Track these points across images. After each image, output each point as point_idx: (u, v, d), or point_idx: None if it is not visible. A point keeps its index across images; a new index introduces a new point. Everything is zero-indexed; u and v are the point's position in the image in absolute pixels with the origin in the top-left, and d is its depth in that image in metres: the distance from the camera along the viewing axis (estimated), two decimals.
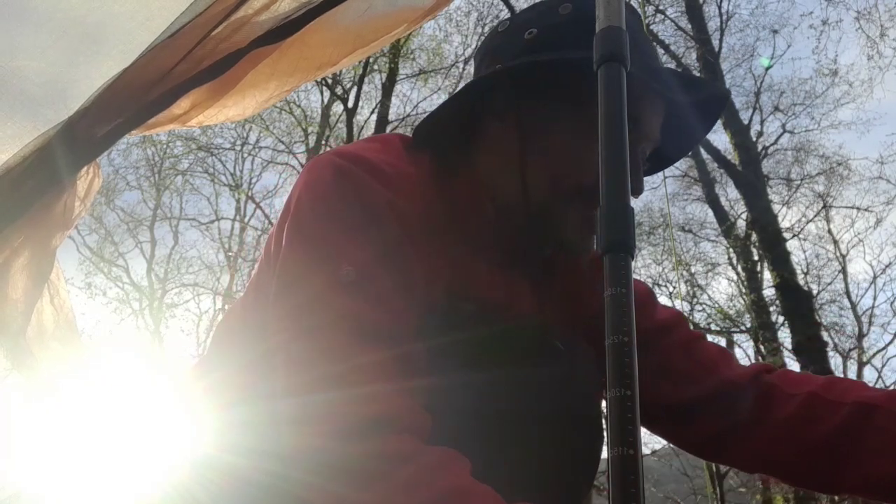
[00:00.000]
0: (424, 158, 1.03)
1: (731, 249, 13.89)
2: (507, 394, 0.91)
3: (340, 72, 12.40)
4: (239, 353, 1.04)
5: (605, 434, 0.69)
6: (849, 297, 15.18)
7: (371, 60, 12.78)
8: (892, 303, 17.23)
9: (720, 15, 13.71)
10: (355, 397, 0.83)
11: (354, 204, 0.92)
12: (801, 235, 15.04)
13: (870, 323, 14.99)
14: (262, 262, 1.05)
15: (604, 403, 0.68)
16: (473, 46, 14.60)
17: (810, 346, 10.25)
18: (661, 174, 1.21)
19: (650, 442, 14.25)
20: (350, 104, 13.36)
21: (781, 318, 11.89)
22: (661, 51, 12.43)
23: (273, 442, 0.89)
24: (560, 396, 0.95)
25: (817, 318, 11.54)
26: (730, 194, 14.07)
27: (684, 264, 14.75)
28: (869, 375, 17.13)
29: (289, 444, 0.86)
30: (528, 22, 1.03)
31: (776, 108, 14.86)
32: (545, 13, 1.03)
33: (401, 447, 0.81)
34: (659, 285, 14.84)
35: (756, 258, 12.91)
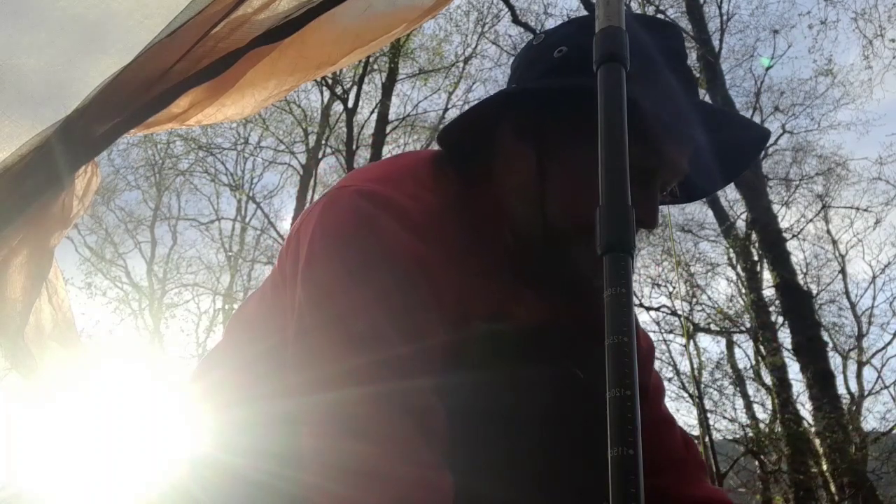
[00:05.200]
0: (450, 177, 1.00)
1: (730, 249, 13.88)
2: (539, 419, 0.91)
3: (340, 71, 12.39)
4: (240, 354, 1.04)
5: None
6: (848, 298, 15.19)
7: (371, 60, 12.78)
8: (891, 303, 17.25)
9: (720, 15, 13.71)
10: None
11: (371, 251, 0.89)
12: (800, 236, 15.05)
13: (869, 323, 15.00)
14: (276, 278, 1.03)
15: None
16: (473, 46, 14.59)
17: (810, 346, 10.24)
18: None
19: None
20: (350, 104, 13.35)
21: (781, 318, 11.90)
22: None
23: (272, 441, 0.89)
24: (586, 423, 0.94)
25: (817, 318, 11.54)
26: (729, 195, 14.08)
27: (684, 264, 14.74)
28: (868, 375, 17.15)
29: (290, 444, 0.86)
30: (561, 39, 1.00)
31: (776, 109, 14.87)
32: (578, 32, 0.99)
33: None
34: (659, 285, 14.84)
35: (756, 258, 12.91)
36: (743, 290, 14.01)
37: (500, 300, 0.97)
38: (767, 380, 12.61)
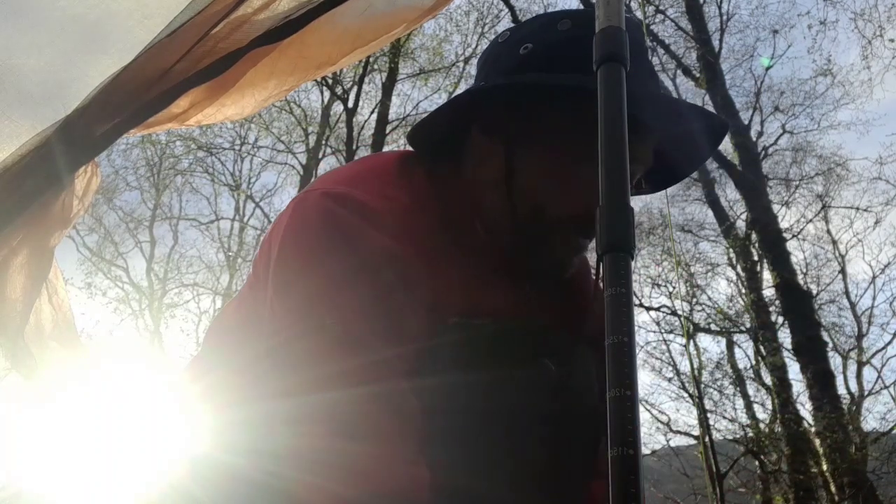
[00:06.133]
0: (419, 174, 1.01)
1: (730, 250, 13.88)
2: (512, 400, 0.91)
3: (340, 71, 12.39)
4: (235, 355, 1.04)
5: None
6: (848, 298, 15.17)
7: (371, 60, 12.78)
8: (891, 303, 17.21)
9: (720, 15, 13.73)
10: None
11: (342, 254, 0.89)
12: (800, 236, 15.05)
13: (869, 323, 14.98)
14: (252, 283, 1.03)
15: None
16: (473, 46, 14.60)
17: (810, 346, 10.25)
18: None
19: (650, 442, 14.28)
20: (350, 104, 13.36)
21: (781, 318, 11.90)
22: (661, 51, 12.43)
23: (271, 442, 0.89)
24: (563, 399, 0.95)
25: (817, 318, 11.53)
26: (729, 195, 14.09)
27: (684, 264, 14.74)
28: (868, 375, 17.14)
29: (289, 444, 0.87)
30: (526, 36, 1.01)
31: (776, 109, 14.86)
32: (544, 28, 1.01)
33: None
34: (658, 285, 14.84)
35: (756, 258, 12.91)
36: (743, 290, 14.01)
37: (474, 295, 0.98)
38: (767, 380, 12.61)
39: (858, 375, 14.36)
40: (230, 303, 1.13)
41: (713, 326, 14.50)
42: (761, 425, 12.49)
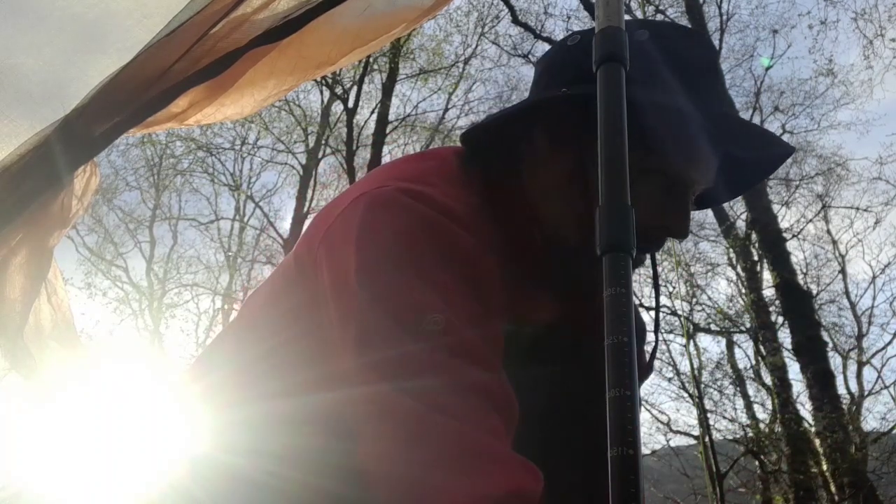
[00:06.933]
0: (477, 178, 0.99)
1: (730, 249, 13.88)
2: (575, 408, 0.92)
3: (340, 71, 12.39)
4: (244, 352, 1.03)
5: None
6: (848, 298, 15.18)
7: (371, 60, 12.78)
8: (891, 303, 17.23)
9: (720, 15, 13.73)
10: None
11: (432, 249, 0.86)
12: (800, 236, 15.06)
13: (869, 323, 15.00)
14: (291, 276, 0.98)
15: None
16: (473, 46, 14.60)
17: (810, 346, 10.24)
18: None
19: (650, 442, 14.28)
20: (350, 104, 13.34)
21: (781, 318, 11.90)
22: None
23: (272, 441, 0.89)
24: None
25: (817, 318, 11.53)
26: None
27: (684, 264, 14.74)
28: (868, 375, 17.14)
29: (290, 444, 0.86)
30: None
31: (776, 109, 14.88)
32: None
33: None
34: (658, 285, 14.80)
35: (756, 258, 12.91)
36: (743, 290, 14.00)
37: (521, 300, 0.98)
38: (767, 380, 12.61)
39: (858, 375, 14.37)
40: (257, 293, 1.09)
41: (713, 326, 14.51)
42: (761, 425, 12.49)
